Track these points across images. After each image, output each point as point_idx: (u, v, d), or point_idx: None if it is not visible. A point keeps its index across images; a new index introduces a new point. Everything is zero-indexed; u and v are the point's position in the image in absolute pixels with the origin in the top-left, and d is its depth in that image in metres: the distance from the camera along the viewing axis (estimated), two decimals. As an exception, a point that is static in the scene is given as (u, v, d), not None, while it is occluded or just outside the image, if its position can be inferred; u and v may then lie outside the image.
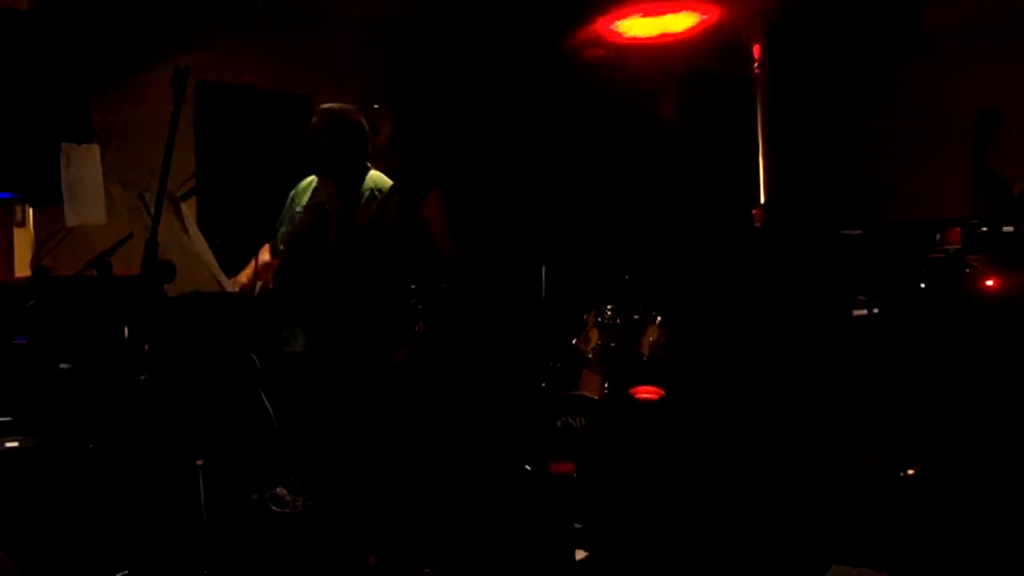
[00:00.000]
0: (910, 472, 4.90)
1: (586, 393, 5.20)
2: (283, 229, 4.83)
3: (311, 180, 4.79)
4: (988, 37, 6.01)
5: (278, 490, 5.00)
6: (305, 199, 4.81)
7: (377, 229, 4.08)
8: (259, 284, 4.69)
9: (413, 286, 3.90)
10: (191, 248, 4.11)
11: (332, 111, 4.55)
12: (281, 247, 4.73)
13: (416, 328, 3.93)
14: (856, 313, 5.72)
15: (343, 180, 4.32)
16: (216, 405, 4.83)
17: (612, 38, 6.58)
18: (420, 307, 3.95)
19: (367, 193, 4.31)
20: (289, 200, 4.91)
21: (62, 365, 4.41)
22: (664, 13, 6.13)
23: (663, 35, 6.37)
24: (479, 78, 6.96)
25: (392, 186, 4.16)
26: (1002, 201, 5.25)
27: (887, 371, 5.27)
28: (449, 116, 5.06)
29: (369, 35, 6.68)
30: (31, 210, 4.78)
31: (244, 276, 4.74)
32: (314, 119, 4.52)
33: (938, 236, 5.93)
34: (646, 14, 6.19)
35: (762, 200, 5.42)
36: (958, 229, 5.92)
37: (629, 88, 6.73)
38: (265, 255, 4.82)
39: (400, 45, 6.77)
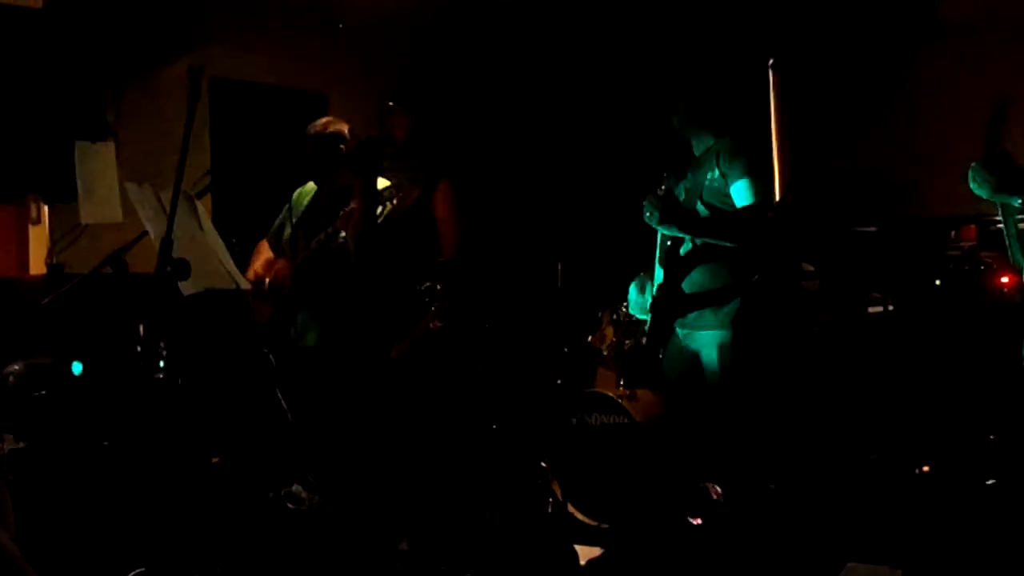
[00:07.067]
0: (924, 469, 4.88)
1: (602, 390, 5.20)
2: (289, 230, 4.85)
3: (312, 185, 4.83)
4: (1009, 28, 5.96)
5: (294, 487, 5.01)
6: (305, 203, 4.84)
7: (394, 225, 4.07)
8: (267, 280, 4.70)
9: (427, 283, 3.89)
10: (206, 246, 4.12)
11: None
12: (287, 247, 4.76)
13: (430, 325, 3.92)
14: (871, 310, 5.70)
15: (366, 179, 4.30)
16: (231, 403, 4.84)
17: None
18: (431, 304, 3.94)
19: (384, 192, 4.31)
20: (292, 202, 4.93)
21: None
22: None
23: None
24: (493, 73, 6.95)
25: (409, 181, 4.14)
26: (1014, 185, 5.21)
27: (902, 368, 5.25)
28: (459, 111, 5.07)
29: (385, 32, 6.68)
30: (46, 207, 4.79)
31: (251, 274, 4.76)
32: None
33: (953, 233, 5.89)
34: None
35: (777, 197, 5.40)
36: (973, 226, 5.89)
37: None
38: (268, 252, 4.83)
39: (415, 42, 6.77)
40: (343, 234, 4.25)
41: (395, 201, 4.10)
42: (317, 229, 4.56)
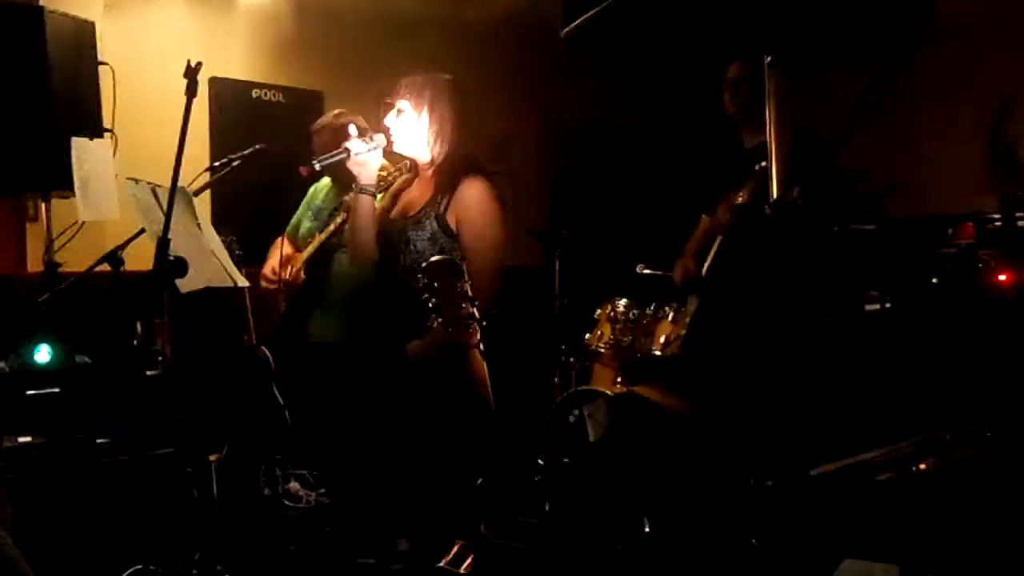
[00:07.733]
0: (922, 467, 4.88)
1: (598, 388, 5.20)
2: (306, 224, 4.87)
3: (328, 180, 4.85)
4: (1004, 27, 5.95)
5: (291, 485, 5.01)
6: (321, 197, 4.87)
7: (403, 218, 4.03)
8: (287, 275, 4.72)
9: (427, 280, 3.85)
10: (203, 243, 4.12)
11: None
12: (304, 242, 4.80)
13: (428, 323, 3.90)
14: (869, 308, 5.70)
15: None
16: (229, 401, 4.84)
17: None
18: (432, 301, 3.91)
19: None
20: (309, 196, 4.96)
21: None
22: None
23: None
24: (494, 73, 6.95)
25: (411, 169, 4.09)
26: (1015, 182, 5.20)
27: (900, 366, 5.26)
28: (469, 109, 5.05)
29: (384, 30, 6.67)
30: (43, 205, 4.78)
31: (269, 269, 4.77)
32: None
33: (950, 231, 5.89)
34: None
35: (774, 195, 5.42)
36: (971, 224, 5.89)
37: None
38: (287, 248, 4.85)
39: (415, 41, 6.76)
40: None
41: (395, 184, 4.07)
42: (328, 223, 4.61)
